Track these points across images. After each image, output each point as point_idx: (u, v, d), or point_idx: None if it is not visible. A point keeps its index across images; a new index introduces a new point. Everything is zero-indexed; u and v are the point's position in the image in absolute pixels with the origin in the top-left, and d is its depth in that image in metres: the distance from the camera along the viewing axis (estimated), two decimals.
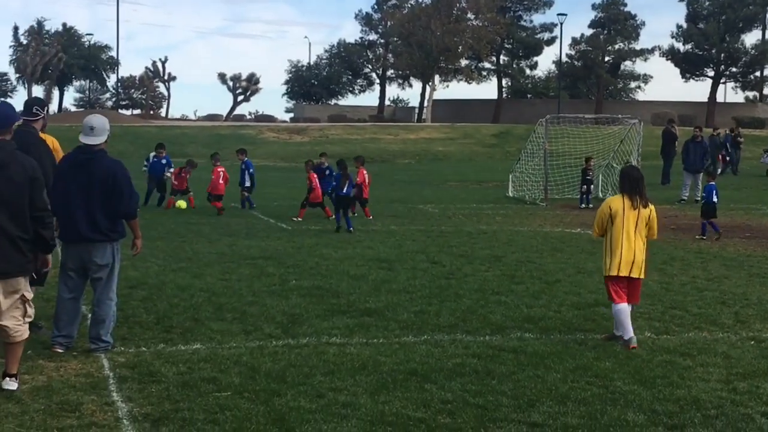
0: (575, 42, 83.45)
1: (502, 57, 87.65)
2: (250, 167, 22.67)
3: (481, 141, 57.02)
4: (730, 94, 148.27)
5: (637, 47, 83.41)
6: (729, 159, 37.92)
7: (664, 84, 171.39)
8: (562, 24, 76.06)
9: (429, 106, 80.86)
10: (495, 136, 58.35)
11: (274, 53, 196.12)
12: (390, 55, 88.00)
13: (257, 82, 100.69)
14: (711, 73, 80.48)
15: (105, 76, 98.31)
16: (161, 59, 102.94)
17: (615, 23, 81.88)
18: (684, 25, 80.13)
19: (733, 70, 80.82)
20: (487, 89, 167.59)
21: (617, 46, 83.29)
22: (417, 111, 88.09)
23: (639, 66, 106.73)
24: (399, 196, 27.25)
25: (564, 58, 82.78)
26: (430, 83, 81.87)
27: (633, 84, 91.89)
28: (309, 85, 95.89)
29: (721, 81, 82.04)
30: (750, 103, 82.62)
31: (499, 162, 45.61)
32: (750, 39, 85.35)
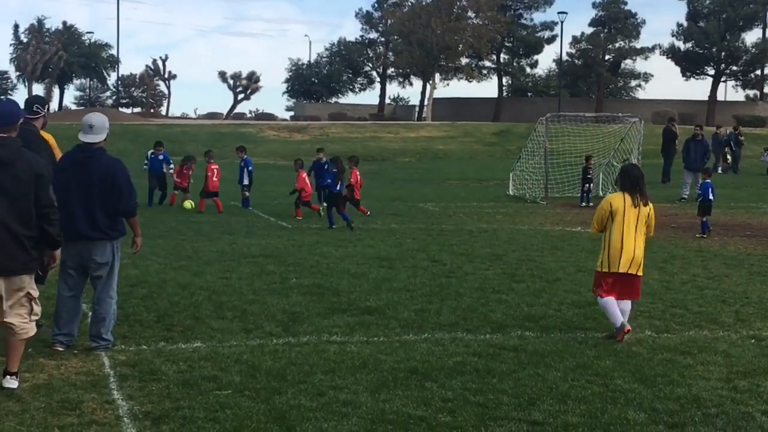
0: (576, 40, 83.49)
1: (502, 55, 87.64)
2: (249, 165, 22.68)
3: (482, 139, 57.01)
4: (730, 92, 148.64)
5: (638, 46, 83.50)
6: (733, 157, 38.00)
7: (664, 82, 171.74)
8: (562, 22, 76.07)
9: (429, 104, 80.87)
10: (495, 134, 58.35)
11: (274, 51, 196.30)
12: (390, 54, 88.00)
13: (257, 80, 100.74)
14: (711, 72, 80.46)
15: (105, 74, 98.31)
16: (162, 57, 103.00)
17: (615, 21, 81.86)
18: (684, 24, 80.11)
19: (734, 68, 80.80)
20: (488, 88, 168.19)
21: (618, 44, 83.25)
22: (417, 109, 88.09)
23: (639, 64, 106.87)
24: (399, 194, 27.26)
25: (564, 56, 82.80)
26: (430, 81, 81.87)
27: (633, 82, 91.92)
28: (309, 84, 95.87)
29: (722, 79, 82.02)
30: (750, 102, 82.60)
31: (500, 160, 45.61)
32: (750, 37, 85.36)
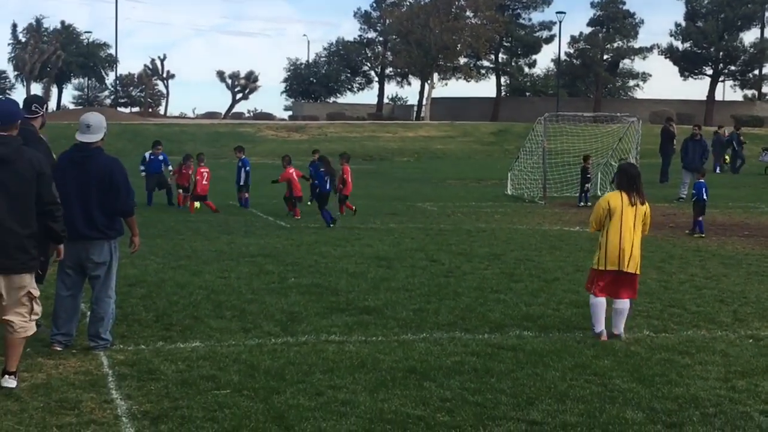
0: (574, 40, 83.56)
1: (500, 55, 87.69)
2: (246, 165, 22.66)
3: (480, 139, 57.03)
4: (728, 92, 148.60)
5: (636, 45, 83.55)
6: (738, 157, 38.10)
7: (662, 82, 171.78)
8: (560, 22, 76.19)
9: (428, 104, 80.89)
10: (494, 134, 58.37)
11: (272, 51, 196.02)
12: (389, 53, 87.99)
13: (256, 79, 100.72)
14: (710, 72, 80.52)
15: (104, 73, 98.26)
16: (160, 57, 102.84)
17: (614, 21, 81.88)
18: (683, 24, 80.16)
19: (732, 68, 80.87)
20: (486, 87, 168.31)
21: (616, 44, 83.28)
22: (416, 109, 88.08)
23: (638, 64, 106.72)
24: (398, 194, 27.26)
25: (563, 56, 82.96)
26: (428, 81, 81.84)
27: (632, 82, 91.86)
28: (308, 83, 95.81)
29: (720, 79, 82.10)
30: (748, 102, 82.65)
31: (498, 160, 45.62)
32: (749, 37, 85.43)
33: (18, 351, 7.07)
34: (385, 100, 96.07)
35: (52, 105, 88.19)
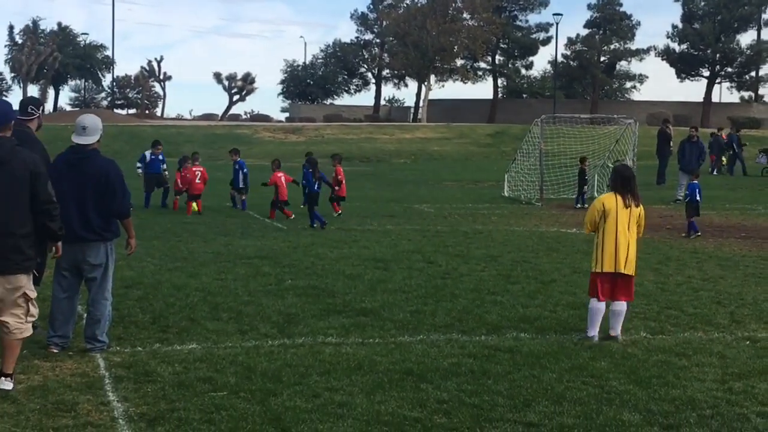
0: (571, 42, 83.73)
1: (497, 57, 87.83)
2: (243, 167, 22.61)
3: (477, 141, 57.07)
4: (725, 94, 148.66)
5: (633, 47, 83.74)
6: (738, 158, 38.19)
7: (659, 84, 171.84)
8: (557, 24, 76.36)
9: (425, 105, 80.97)
10: (491, 135, 58.42)
11: (269, 53, 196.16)
12: (386, 55, 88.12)
13: (253, 81, 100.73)
14: (706, 73, 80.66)
15: (100, 75, 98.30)
16: (157, 59, 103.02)
17: (610, 23, 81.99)
18: (679, 25, 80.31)
19: (729, 70, 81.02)
20: (483, 89, 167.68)
21: (613, 46, 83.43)
22: (413, 111, 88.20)
23: (634, 66, 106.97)
24: (395, 195, 27.26)
25: (559, 58, 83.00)
26: (425, 83, 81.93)
27: (628, 84, 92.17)
28: (305, 85, 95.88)
29: (717, 81, 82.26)
30: (745, 103, 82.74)
31: (495, 162, 45.64)
32: (745, 39, 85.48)
33: (14, 353, 7.06)
34: (382, 101, 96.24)
35: (48, 107, 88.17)
